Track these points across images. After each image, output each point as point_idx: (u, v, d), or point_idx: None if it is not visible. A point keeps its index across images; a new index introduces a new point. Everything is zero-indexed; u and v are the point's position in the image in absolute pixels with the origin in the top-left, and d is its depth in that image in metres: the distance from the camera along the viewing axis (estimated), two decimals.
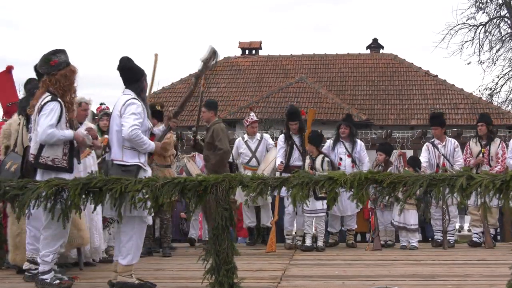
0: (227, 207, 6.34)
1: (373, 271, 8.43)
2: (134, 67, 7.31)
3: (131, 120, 6.94)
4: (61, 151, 7.05)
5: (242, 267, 6.72)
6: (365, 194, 6.11)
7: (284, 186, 6.35)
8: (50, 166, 6.98)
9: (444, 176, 6.06)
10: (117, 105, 7.18)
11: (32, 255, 7.48)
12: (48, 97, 7.07)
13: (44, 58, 7.20)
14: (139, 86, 7.27)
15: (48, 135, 6.90)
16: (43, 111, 6.99)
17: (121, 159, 7.00)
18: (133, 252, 7.01)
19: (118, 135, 7.04)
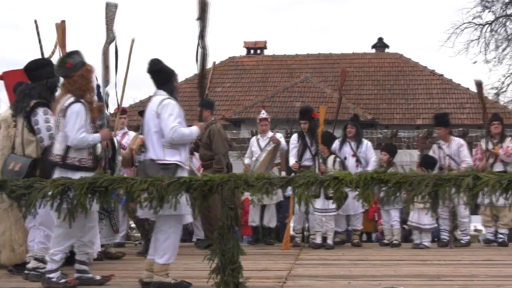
0: (232, 207, 6.35)
1: (379, 271, 8.43)
2: (163, 69, 7.35)
3: (171, 122, 6.99)
4: (86, 151, 7.15)
5: (247, 266, 6.73)
6: (371, 194, 6.12)
7: (290, 186, 6.37)
8: (77, 166, 7.06)
9: (450, 176, 6.05)
10: (151, 105, 7.22)
11: (42, 253, 7.49)
12: (70, 98, 7.14)
13: (60, 62, 7.31)
14: (171, 86, 7.31)
15: (80, 140, 7.02)
16: (69, 114, 7.06)
17: (162, 158, 7.03)
18: (170, 251, 7.05)
19: (157, 136, 7.08)
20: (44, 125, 7.58)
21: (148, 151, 7.13)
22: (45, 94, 7.75)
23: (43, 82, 7.78)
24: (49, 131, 7.55)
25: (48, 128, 7.56)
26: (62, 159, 7.10)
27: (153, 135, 7.11)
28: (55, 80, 7.84)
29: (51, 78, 7.83)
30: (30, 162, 7.54)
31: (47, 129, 7.57)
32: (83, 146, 7.07)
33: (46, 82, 7.79)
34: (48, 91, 7.79)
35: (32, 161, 7.55)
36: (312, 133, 11.79)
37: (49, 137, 7.52)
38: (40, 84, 7.77)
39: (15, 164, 7.52)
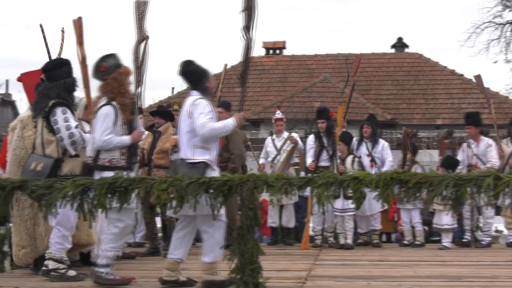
0: (252, 207, 6.36)
1: (399, 271, 8.41)
2: (195, 69, 7.42)
3: (201, 119, 7.06)
4: (118, 151, 7.22)
5: (267, 267, 6.72)
6: (391, 194, 6.10)
7: (309, 186, 6.36)
8: (108, 166, 7.13)
9: (471, 176, 6.03)
10: (185, 106, 7.30)
11: (60, 254, 7.51)
12: (103, 101, 7.27)
13: (95, 66, 7.39)
14: (204, 86, 7.36)
15: (104, 142, 7.11)
16: (98, 116, 7.21)
17: (191, 157, 7.09)
18: (215, 249, 7.09)
19: (188, 136, 7.15)
20: (63, 124, 7.58)
21: (179, 151, 7.20)
22: (63, 94, 7.76)
23: (61, 82, 7.79)
24: (68, 130, 7.56)
25: (67, 127, 7.57)
26: (93, 160, 7.21)
27: (184, 135, 7.19)
28: (72, 80, 7.90)
29: (68, 78, 7.87)
30: (52, 162, 7.56)
31: (66, 128, 7.57)
32: (108, 148, 7.13)
33: (63, 82, 7.80)
34: (66, 91, 7.81)
35: (54, 161, 7.57)
36: (329, 133, 11.79)
37: (68, 136, 7.54)
38: (58, 84, 7.79)
39: (37, 164, 7.55)
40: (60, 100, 7.68)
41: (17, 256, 8.13)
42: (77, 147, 7.60)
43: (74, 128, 7.53)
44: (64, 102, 7.70)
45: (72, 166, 7.61)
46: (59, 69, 7.87)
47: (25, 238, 8.03)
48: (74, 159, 7.66)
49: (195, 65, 7.43)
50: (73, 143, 7.54)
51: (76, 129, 7.56)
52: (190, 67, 7.41)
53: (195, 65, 7.42)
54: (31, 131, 8.09)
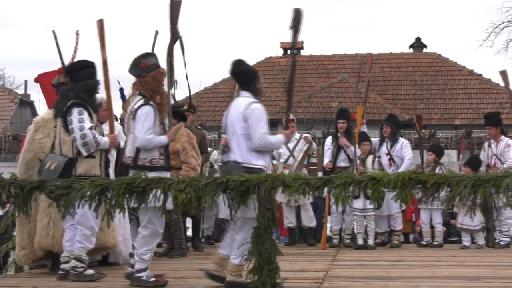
0: (270, 207, 6.35)
1: (417, 272, 8.38)
2: (246, 70, 7.38)
3: (259, 129, 7.00)
4: (157, 151, 7.24)
5: (284, 267, 6.72)
6: (409, 195, 6.08)
7: (327, 187, 6.35)
8: (149, 166, 7.14)
9: (490, 176, 5.99)
10: (237, 107, 7.21)
11: (80, 253, 7.52)
12: (140, 100, 7.25)
13: (134, 61, 7.37)
14: (254, 87, 7.30)
15: (146, 141, 7.11)
16: (138, 116, 7.18)
17: (248, 162, 7.03)
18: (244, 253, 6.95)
19: (243, 138, 7.07)
20: (77, 124, 7.54)
21: (233, 152, 7.12)
22: (83, 95, 7.74)
23: (82, 84, 7.77)
24: (81, 130, 7.51)
25: (80, 127, 7.52)
26: (133, 160, 7.21)
27: (239, 137, 7.09)
28: (94, 82, 7.88)
29: (91, 79, 7.87)
30: (65, 161, 7.55)
31: (79, 128, 7.53)
32: (150, 147, 7.14)
33: (85, 84, 7.78)
34: (86, 92, 7.79)
35: (67, 160, 7.56)
36: (348, 133, 11.79)
37: (81, 137, 7.50)
38: (79, 85, 7.77)
39: (51, 164, 7.56)
40: (77, 101, 7.66)
41: (17, 256, 8.28)
42: (89, 148, 7.56)
43: (87, 129, 7.51)
44: (82, 103, 7.68)
45: (87, 167, 7.58)
46: (82, 71, 7.86)
47: (25, 239, 8.14)
48: (89, 159, 7.63)
49: (246, 65, 7.39)
50: (85, 144, 7.51)
51: (89, 130, 7.52)
52: (240, 67, 7.35)
53: (245, 65, 7.39)
54: (42, 134, 8.19)
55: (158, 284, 7.11)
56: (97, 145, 7.58)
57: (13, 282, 7.73)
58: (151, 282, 7.09)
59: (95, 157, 7.65)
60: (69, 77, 7.94)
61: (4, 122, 37.78)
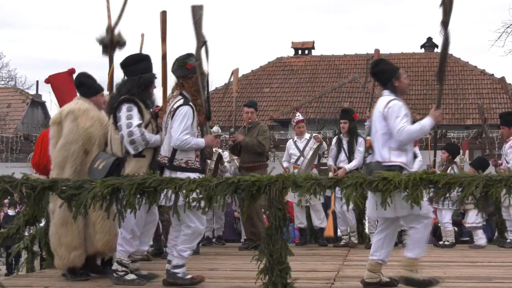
0: (281, 207, 6.35)
1: (428, 272, 8.30)
2: (383, 69, 7.38)
3: (397, 124, 6.97)
4: (193, 153, 7.17)
5: (295, 267, 6.71)
6: (420, 195, 6.07)
7: (338, 187, 6.35)
8: (184, 168, 7.10)
9: (501, 176, 5.97)
10: (378, 106, 7.23)
11: (121, 256, 7.33)
12: (180, 100, 7.20)
13: (180, 62, 7.32)
14: (393, 85, 7.28)
15: (182, 142, 7.04)
16: (176, 115, 7.11)
17: (388, 160, 7.01)
18: (419, 246, 7.04)
19: (384, 138, 7.07)
20: (124, 121, 7.26)
21: (374, 153, 7.16)
22: (135, 90, 7.45)
23: (135, 78, 7.49)
24: (128, 128, 7.21)
25: (128, 125, 7.23)
26: (169, 160, 7.16)
27: (379, 137, 7.10)
28: (149, 76, 7.60)
29: (145, 73, 7.58)
30: (113, 160, 7.29)
31: (127, 126, 7.23)
32: (185, 148, 7.07)
33: (138, 78, 7.50)
34: (140, 87, 7.50)
35: (115, 160, 7.30)
36: (350, 134, 11.74)
37: (128, 134, 7.21)
38: (132, 79, 7.51)
39: (100, 163, 7.33)
40: (127, 97, 7.40)
41: (67, 258, 7.60)
42: (137, 146, 7.25)
43: (135, 126, 7.21)
44: (132, 98, 7.39)
45: (135, 167, 7.28)
46: (136, 65, 7.57)
47: (76, 239, 7.61)
48: (139, 159, 7.34)
49: (384, 64, 7.41)
50: (132, 142, 7.22)
51: (137, 128, 7.22)
52: (378, 66, 7.39)
53: (384, 64, 7.41)
54: (88, 123, 7.69)
55: (194, 281, 7.10)
56: (146, 143, 7.28)
57: (25, 282, 7.76)
58: (187, 280, 7.08)
59: (145, 156, 7.38)
60: (123, 71, 7.67)
61: (16, 122, 37.98)
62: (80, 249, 7.60)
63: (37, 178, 7.39)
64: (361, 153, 11.55)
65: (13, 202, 18.88)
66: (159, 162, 7.26)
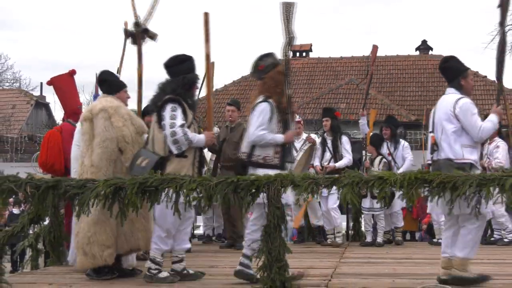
0: (279, 206, 6.36)
1: (423, 269, 8.36)
2: (450, 66, 7.46)
3: (474, 121, 7.02)
4: (272, 149, 7.11)
5: (293, 264, 6.72)
6: (415, 194, 6.08)
7: (335, 186, 6.35)
8: (262, 164, 7.07)
9: (494, 176, 5.99)
10: (444, 105, 7.28)
11: (154, 254, 7.26)
12: (260, 98, 7.23)
13: (253, 65, 7.35)
14: (458, 83, 7.35)
15: (257, 137, 7.03)
16: (254, 112, 7.15)
17: (461, 157, 7.02)
18: (470, 246, 7.03)
19: (455, 136, 7.07)
20: (168, 121, 7.18)
21: (443, 150, 7.13)
22: (179, 90, 7.37)
23: (179, 78, 7.41)
24: (172, 127, 7.14)
25: (171, 124, 7.15)
26: (247, 156, 7.14)
27: (450, 135, 7.09)
28: (192, 77, 7.53)
29: (189, 74, 7.50)
30: (157, 159, 7.21)
31: (170, 125, 7.15)
32: (261, 144, 7.04)
33: (182, 78, 7.42)
34: (183, 87, 7.42)
35: (159, 159, 7.22)
36: (333, 132, 11.71)
37: (171, 134, 7.14)
38: (176, 80, 7.43)
39: (143, 160, 7.24)
40: (172, 96, 7.32)
41: (100, 257, 7.42)
42: (180, 146, 7.17)
43: (178, 126, 7.14)
44: (177, 98, 7.32)
45: (177, 167, 7.17)
46: (180, 65, 7.48)
47: (110, 237, 7.46)
48: (181, 159, 7.25)
49: (455, 62, 7.44)
50: (175, 142, 7.14)
51: (180, 128, 7.14)
52: (448, 62, 7.45)
53: (454, 61, 7.44)
54: (120, 122, 7.57)
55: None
56: (189, 143, 7.21)
57: (30, 279, 7.76)
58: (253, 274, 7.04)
59: (187, 156, 7.28)
60: (167, 72, 7.59)
61: (20, 123, 37.96)
62: (112, 248, 7.48)
63: (41, 177, 7.38)
64: (348, 151, 11.57)
65: (18, 201, 18.92)
66: (239, 158, 7.30)
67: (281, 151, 7.13)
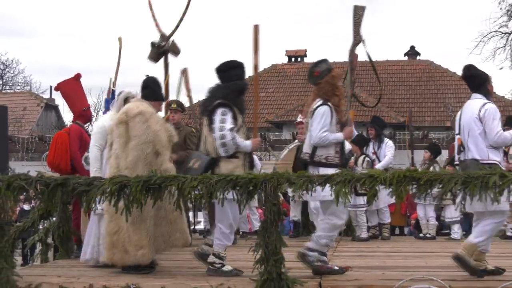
0: (275, 203, 6.37)
1: (411, 262, 8.37)
2: (477, 73, 7.43)
3: (495, 127, 7.07)
4: (333, 149, 7.20)
5: (289, 257, 6.72)
6: (404, 191, 6.08)
7: (328, 184, 6.35)
8: (324, 163, 7.12)
9: (478, 174, 6.00)
10: (471, 109, 7.27)
11: (218, 249, 7.26)
12: (319, 101, 7.28)
13: (309, 71, 7.47)
14: (485, 89, 7.35)
15: (321, 139, 7.09)
16: (315, 115, 7.21)
17: (487, 158, 7.07)
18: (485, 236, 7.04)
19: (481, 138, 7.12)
20: (218, 125, 7.14)
21: (470, 151, 7.19)
22: (231, 95, 7.33)
23: (231, 84, 7.38)
24: (221, 131, 7.10)
25: (221, 128, 7.12)
26: (310, 157, 7.20)
27: (477, 137, 7.15)
28: (243, 83, 7.50)
29: (240, 80, 7.49)
30: (207, 160, 7.17)
31: (220, 129, 7.12)
32: (324, 144, 7.11)
33: (234, 84, 7.39)
34: (235, 92, 7.38)
35: (209, 160, 7.18)
36: None
37: (220, 137, 7.11)
38: (228, 85, 7.37)
39: (195, 162, 7.22)
40: (223, 101, 7.27)
41: (134, 256, 7.32)
42: (227, 149, 7.13)
43: (227, 130, 7.09)
44: (228, 103, 7.26)
45: (230, 167, 7.12)
46: (231, 71, 7.44)
47: (144, 238, 7.33)
48: (233, 160, 7.21)
49: (476, 69, 7.46)
50: (223, 144, 7.10)
51: (229, 131, 7.09)
52: (471, 71, 7.44)
53: (475, 69, 7.46)
54: (157, 125, 7.53)
55: (321, 269, 7.08)
56: (236, 147, 7.17)
57: (40, 272, 7.75)
58: (315, 266, 7.08)
59: (238, 157, 7.25)
60: (219, 76, 7.52)
61: (31, 125, 37.94)
62: (146, 249, 7.33)
63: (51, 175, 7.37)
64: None
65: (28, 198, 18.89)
66: (302, 158, 7.32)
67: (340, 150, 7.26)
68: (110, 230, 7.40)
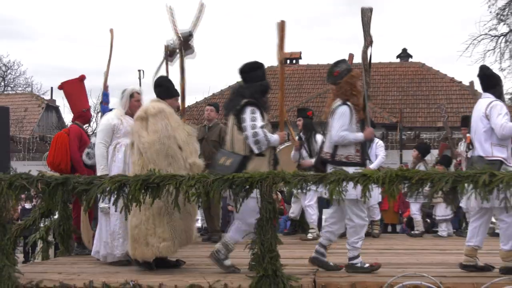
0: (271, 201, 6.36)
1: (403, 259, 8.38)
2: (492, 74, 7.53)
3: (499, 120, 7.10)
4: (353, 148, 7.21)
5: (284, 255, 6.73)
6: (396, 190, 6.09)
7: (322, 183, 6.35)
8: (345, 162, 7.12)
9: (468, 173, 6.01)
10: (479, 107, 7.35)
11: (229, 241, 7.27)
12: (338, 101, 7.29)
13: (328, 71, 7.47)
14: (497, 90, 7.41)
15: (340, 137, 7.11)
16: (335, 115, 7.23)
17: (491, 155, 7.12)
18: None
19: (486, 135, 7.19)
20: (249, 123, 7.16)
21: (475, 148, 7.28)
22: (257, 95, 7.38)
23: (257, 84, 7.42)
24: (253, 129, 7.13)
25: (252, 126, 7.15)
26: (331, 156, 7.22)
27: (481, 134, 7.21)
28: (267, 83, 7.56)
29: (263, 80, 7.52)
30: (240, 158, 7.14)
31: (251, 127, 7.13)
32: (344, 143, 7.13)
33: (260, 84, 7.44)
34: (260, 92, 7.44)
35: (242, 158, 7.15)
36: (306, 130, 11.63)
37: (252, 135, 7.13)
38: (254, 85, 7.41)
39: (226, 160, 7.17)
40: (252, 100, 7.31)
41: (157, 248, 7.29)
42: (260, 146, 7.15)
43: (259, 128, 7.14)
44: (255, 102, 7.32)
45: (257, 164, 7.13)
46: (255, 71, 7.51)
47: (167, 231, 7.31)
48: (259, 157, 7.21)
49: (491, 70, 7.57)
50: (256, 142, 7.12)
51: (261, 129, 7.14)
52: (489, 70, 7.54)
53: (490, 69, 7.57)
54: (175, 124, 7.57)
55: (373, 268, 7.14)
56: (268, 143, 7.20)
57: (41, 269, 7.75)
58: (367, 268, 7.13)
59: (264, 155, 7.26)
60: (242, 77, 7.56)
61: (32, 125, 37.86)
62: (169, 242, 7.33)
63: (52, 175, 7.37)
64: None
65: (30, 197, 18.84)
66: (322, 158, 7.35)
67: (361, 149, 7.26)
68: (132, 225, 7.40)
